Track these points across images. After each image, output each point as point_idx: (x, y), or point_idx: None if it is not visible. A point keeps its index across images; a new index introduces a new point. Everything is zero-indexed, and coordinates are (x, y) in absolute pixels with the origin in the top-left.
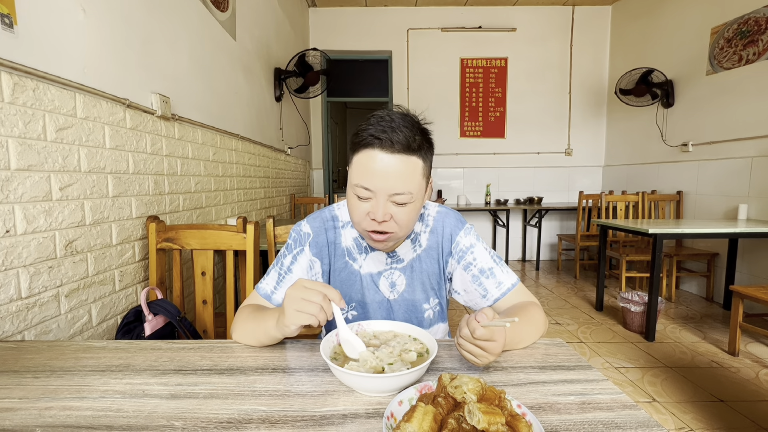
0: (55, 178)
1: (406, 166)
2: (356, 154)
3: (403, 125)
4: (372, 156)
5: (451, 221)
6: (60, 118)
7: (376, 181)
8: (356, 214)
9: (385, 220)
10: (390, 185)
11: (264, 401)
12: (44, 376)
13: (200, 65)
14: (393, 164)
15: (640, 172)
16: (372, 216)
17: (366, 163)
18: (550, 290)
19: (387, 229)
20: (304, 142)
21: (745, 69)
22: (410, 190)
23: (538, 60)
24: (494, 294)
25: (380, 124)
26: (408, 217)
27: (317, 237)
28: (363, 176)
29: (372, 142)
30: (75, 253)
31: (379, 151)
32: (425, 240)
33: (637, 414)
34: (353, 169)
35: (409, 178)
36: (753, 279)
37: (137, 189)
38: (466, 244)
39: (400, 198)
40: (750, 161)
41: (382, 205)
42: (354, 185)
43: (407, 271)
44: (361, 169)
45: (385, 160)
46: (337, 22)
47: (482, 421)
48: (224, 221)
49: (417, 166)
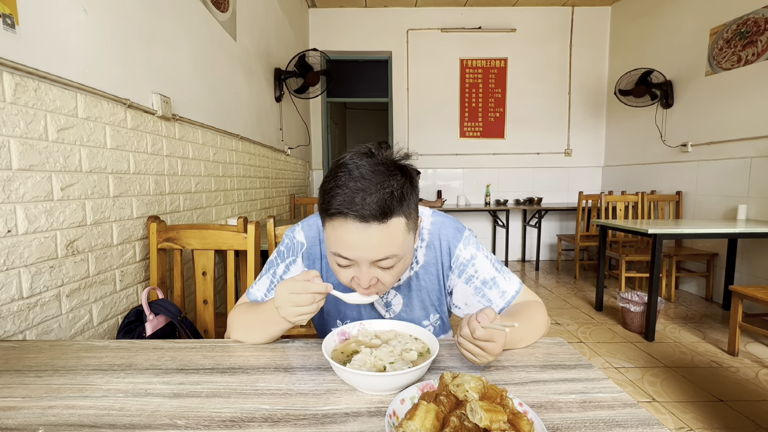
0: (56, 178)
1: (386, 232)
2: (327, 221)
3: (375, 182)
4: (346, 227)
5: (448, 232)
6: (61, 118)
7: (354, 252)
8: (341, 277)
9: (372, 284)
10: (371, 254)
11: (266, 400)
12: (47, 375)
13: (201, 66)
14: (370, 235)
15: (639, 173)
16: (356, 282)
17: (339, 234)
18: (549, 290)
19: (374, 290)
20: (304, 143)
21: (744, 70)
22: (394, 252)
23: (537, 60)
24: (499, 304)
25: (348, 185)
26: (395, 276)
27: (311, 248)
28: (339, 247)
29: (344, 212)
30: (76, 253)
31: (353, 221)
32: (422, 256)
33: (638, 412)
34: (328, 235)
35: (392, 242)
36: (752, 279)
37: (138, 189)
38: (467, 257)
39: (384, 263)
40: (749, 161)
41: (366, 272)
42: (332, 252)
43: (404, 291)
44: (336, 240)
45: (361, 232)
46: (337, 22)
47: (484, 419)
48: (224, 221)
49: (398, 227)
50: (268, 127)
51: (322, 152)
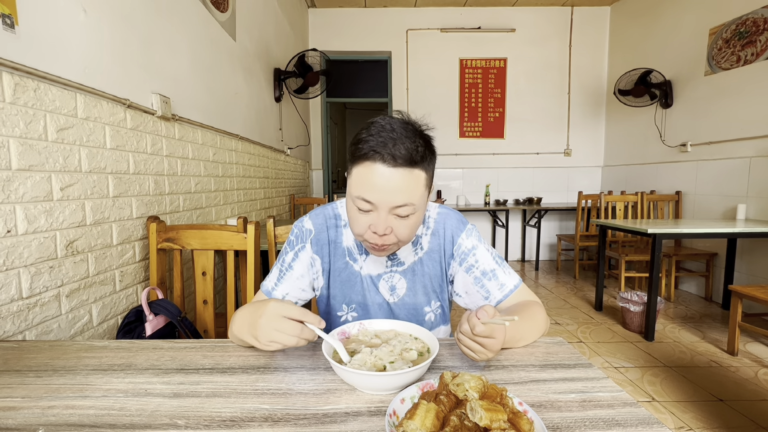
0: (56, 178)
1: (409, 179)
2: (356, 166)
3: (405, 136)
4: (373, 169)
5: (453, 223)
6: (61, 118)
7: (377, 195)
8: (357, 226)
9: (386, 233)
10: (392, 199)
11: (266, 400)
12: (46, 375)
13: (200, 66)
14: (395, 178)
15: (639, 173)
16: (373, 229)
17: (366, 176)
18: (549, 290)
19: (387, 242)
20: (303, 143)
21: (743, 69)
22: (412, 202)
23: (537, 60)
24: (497, 296)
25: (381, 135)
26: (410, 230)
27: (319, 234)
28: (364, 189)
29: (373, 156)
30: (76, 253)
31: (381, 164)
32: (426, 243)
33: (638, 411)
34: (353, 180)
35: (412, 191)
36: (752, 279)
37: (138, 189)
38: (468, 246)
39: (402, 210)
40: (748, 161)
41: (384, 219)
42: (354, 197)
43: (408, 275)
44: (361, 182)
45: (387, 174)
46: (337, 22)
47: (484, 418)
48: (224, 221)
49: (420, 178)
50: (267, 127)
51: (322, 152)
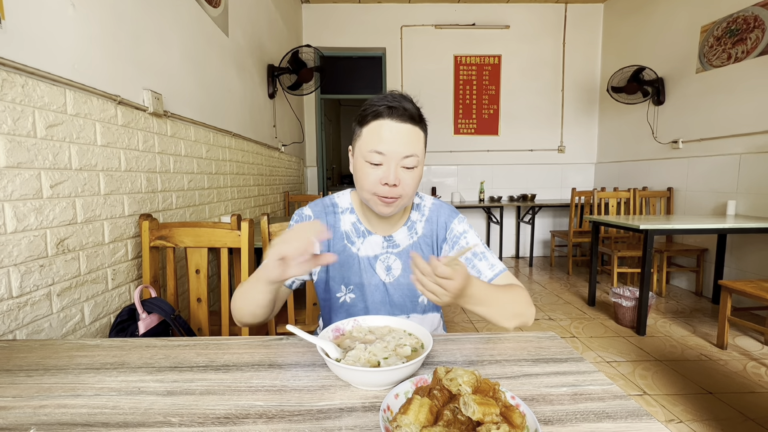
0: (45, 176)
1: (413, 133)
2: (366, 126)
3: (406, 100)
4: (384, 124)
5: (446, 211)
6: (50, 114)
7: (388, 146)
8: (368, 181)
9: (396, 184)
10: (401, 149)
11: (261, 396)
12: (38, 374)
13: (192, 61)
14: (403, 131)
15: (631, 169)
16: (384, 180)
17: (379, 131)
18: (543, 286)
19: (396, 194)
20: (297, 140)
21: (734, 67)
22: (417, 153)
23: (531, 57)
24: (487, 275)
25: (386, 98)
26: (414, 182)
27: (318, 219)
28: (377, 142)
29: (383, 113)
30: (67, 251)
31: (389, 120)
32: (421, 228)
33: (627, 404)
34: (364, 139)
35: (416, 144)
36: (741, 274)
37: (129, 187)
38: (460, 230)
39: (409, 161)
40: (738, 158)
41: (393, 170)
42: (367, 152)
43: (403, 256)
44: (374, 137)
45: (396, 127)
46: (330, 18)
47: (477, 412)
48: (218, 219)
49: (420, 136)
50: (261, 123)
51: (316, 149)
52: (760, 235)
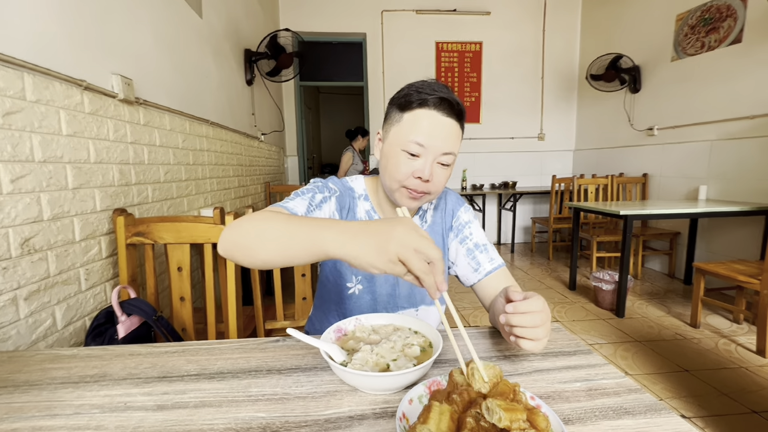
0: (4, 169)
1: (455, 129)
2: (409, 112)
3: (452, 93)
4: (430, 115)
5: (453, 198)
6: (6, 101)
7: (431, 140)
8: (400, 171)
9: (429, 180)
10: (442, 145)
11: (262, 407)
12: (6, 392)
13: (165, 44)
14: (447, 126)
15: (608, 156)
16: (418, 174)
17: (422, 121)
18: (525, 272)
19: (426, 189)
20: (277, 128)
21: (707, 55)
22: (455, 151)
23: (511, 44)
24: (486, 268)
25: (432, 87)
26: (445, 180)
27: (342, 197)
28: (419, 133)
29: (431, 103)
30: (33, 251)
31: (436, 111)
32: (430, 217)
33: (644, 398)
34: (405, 126)
35: (455, 141)
36: (711, 256)
37: (101, 180)
38: (465, 220)
39: (446, 158)
40: (710, 144)
41: (430, 164)
42: (407, 141)
43: None
44: (416, 127)
45: (442, 121)
46: (309, 1)
47: (504, 419)
48: (197, 212)
49: (459, 133)
50: (239, 111)
51: (297, 138)
52: (728, 219)
